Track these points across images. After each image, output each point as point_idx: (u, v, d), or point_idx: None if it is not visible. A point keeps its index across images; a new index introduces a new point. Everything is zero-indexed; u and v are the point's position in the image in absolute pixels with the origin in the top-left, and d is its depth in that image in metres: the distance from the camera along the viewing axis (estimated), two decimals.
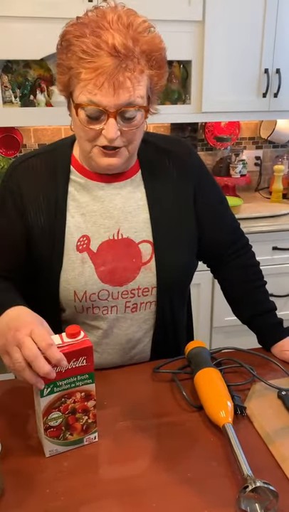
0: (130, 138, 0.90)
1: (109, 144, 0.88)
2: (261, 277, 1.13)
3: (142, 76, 0.85)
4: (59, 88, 0.93)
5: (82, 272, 0.97)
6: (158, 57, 0.86)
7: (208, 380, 0.89)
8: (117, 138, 0.87)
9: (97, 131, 0.87)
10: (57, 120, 2.13)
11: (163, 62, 0.89)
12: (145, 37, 0.84)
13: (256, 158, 2.73)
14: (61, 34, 0.87)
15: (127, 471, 0.76)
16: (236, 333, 1.95)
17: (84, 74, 0.82)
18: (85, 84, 0.83)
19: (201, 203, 1.06)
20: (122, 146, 0.90)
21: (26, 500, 0.70)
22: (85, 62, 0.81)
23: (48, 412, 0.76)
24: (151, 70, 0.86)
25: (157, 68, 0.87)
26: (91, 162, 0.95)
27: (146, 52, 0.84)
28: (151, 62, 0.86)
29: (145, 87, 0.87)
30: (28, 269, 1.01)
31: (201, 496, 0.71)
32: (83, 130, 0.89)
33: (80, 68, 0.82)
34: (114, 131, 0.85)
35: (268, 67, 2.26)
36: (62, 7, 1.93)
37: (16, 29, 1.97)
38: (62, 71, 0.88)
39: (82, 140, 0.91)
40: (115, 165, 0.92)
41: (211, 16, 2.12)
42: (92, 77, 0.82)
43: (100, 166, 0.92)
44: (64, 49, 0.86)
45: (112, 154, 0.90)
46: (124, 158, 0.92)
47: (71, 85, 0.88)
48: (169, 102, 2.29)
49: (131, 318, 1.03)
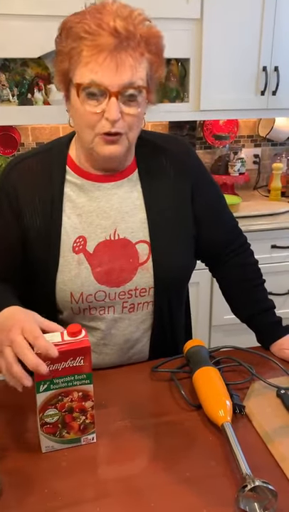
0: (131, 124, 0.88)
1: (111, 126, 0.86)
2: (260, 276, 1.12)
3: (142, 59, 0.85)
4: (57, 80, 0.92)
5: (79, 274, 0.97)
6: (157, 43, 0.88)
7: (207, 379, 0.88)
8: (118, 120, 0.86)
9: (98, 115, 0.86)
10: (55, 119, 2.12)
11: (161, 50, 0.90)
12: (144, 25, 0.85)
13: (255, 156, 2.73)
14: (60, 25, 0.87)
15: (125, 471, 0.76)
16: (235, 331, 1.95)
17: (85, 51, 0.82)
18: (86, 62, 0.83)
19: (198, 202, 1.05)
20: (122, 133, 0.88)
21: (25, 500, 0.70)
22: (86, 40, 0.82)
23: (44, 408, 0.76)
24: (150, 55, 0.87)
25: (156, 54, 0.88)
26: (92, 154, 0.93)
27: (146, 38, 0.85)
28: (151, 47, 0.86)
29: (145, 70, 0.87)
30: (24, 271, 1.00)
31: (199, 495, 0.71)
32: (84, 116, 0.87)
33: (81, 46, 0.83)
34: (116, 111, 0.84)
35: (266, 65, 2.25)
36: (60, 5, 1.92)
37: (14, 27, 1.96)
38: (61, 59, 0.87)
39: (83, 129, 0.90)
40: (116, 153, 0.91)
41: (209, 14, 2.12)
42: (93, 54, 0.82)
43: (102, 155, 0.91)
44: (64, 35, 0.86)
45: (113, 141, 0.88)
46: (125, 146, 0.91)
47: (71, 71, 0.87)
48: (167, 100, 2.28)
49: (129, 319, 1.02)
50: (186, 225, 1.04)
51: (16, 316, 0.80)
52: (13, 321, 0.78)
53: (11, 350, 0.74)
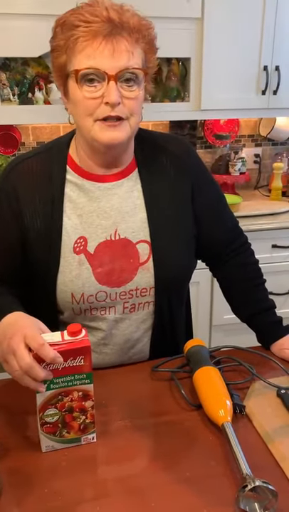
0: (131, 108, 0.88)
1: (111, 109, 0.86)
2: (260, 275, 1.12)
3: (137, 46, 0.87)
4: (54, 76, 0.92)
5: (80, 274, 0.96)
6: (148, 33, 0.89)
7: (207, 379, 0.88)
8: (118, 104, 0.86)
9: (97, 101, 0.86)
10: (55, 118, 2.12)
11: (153, 39, 0.91)
12: (134, 17, 0.87)
13: (255, 155, 2.73)
14: (54, 24, 0.89)
15: (125, 471, 0.76)
16: (235, 331, 1.95)
17: (82, 38, 0.83)
18: (83, 48, 0.84)
19: (199, 202, 1.05)
20: (124, 118, 0.88)
21: (25, 499, 0.70)
22: (81, 27, 0.83)
23: (44, 407, 0.76)
24: (144, 43, 0.88)
25: (149, 43, 0.90)
26: (94, 145, 0.92)
27: (138, 28, 0.86)
28: (144, 34, 0.88)
29: (141, 59, 0.88)
30: (25, 272, 1.00)
31: (200, 495, 0.70)
32: (83, 103, 0.87)
33: (78, 33, 0.84)
34: (116, 94, 0.84)
35: (267, 64, 2.25)
36: (60, 4, 1.89)
37: (14, 26, 1.96)
38: (58, 54, 0.88)
39: (82, 118, 0.89)
40: (118, 138, 0.89)
41: (210, 13, 2.11)
42: (89, 39, 0.83)
43: (103, 141, 0.89)
44: (59, 30, 0.87)
45: (114, 126, 0.88)
46: (126, 133, 0.90)
47: (68, 62, 0.87)
48: (168, 100, 2.28)
49: (129, 319, 1.02)
50: (186, 225, 1.04)
51: (17, 322, 0.80)
52: (15, 328, 0.78)
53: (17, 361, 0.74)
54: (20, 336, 0.75)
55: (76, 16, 0.84)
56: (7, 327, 0.80)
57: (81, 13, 0.84)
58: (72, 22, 0.84)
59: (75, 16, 0.85)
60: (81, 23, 0.83)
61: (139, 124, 0.93)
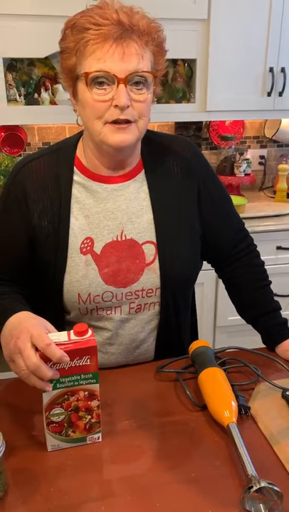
0: (140, 111, 0.89)
1: (120, 112, 0.86)
2: (266, 277, 1.12)
3: (147, 49, 0.87)
4: (63, 78, 0.93)
5: (86, 274, 0.97)
6: (158, 35, 0.90)
7: (213, 380, 0.88)
8: (128, 107, 0.86)
9: (106, 104, 0.86)
10: (61, 118, 2.13)
11: (162, 42, 0.91)
12: (144, 20, 0.87)
13: (260, 157, 2.73)
14: (63, 27, 0.89)
15: (130, 470, 0.76)
16: (240, 332, 1.95)
17: (92, 41, 0.84)
18: (93, 51, 0.84)
19: (205, 203, 1.05)
20: (132, 121, 0.89)
21: (30, 498, 0.70)
22: (92, 30, 0.84)
23: (50, 407, 0.76)
24: (153, 46, 0.89)
25: (158, 46, 0.90)
26: (102, 147, 0.93)
27: (147, 30, 0.87)
28: (153, 37, 0.88)
29: (150, 61, 0.89)
30: (32, 272, 1.01)
31: (205, 495, 0.71)
32: (93, 105, 0.87)
33: (88, 36, 0.84)
34: (125, 97, 0.85)
35: (273, 65, 2.25)
36: (66, 5, 1.93)
37: (21, 27, 1.97)
38: (67, 55, 0.89)
39: (91, 121, 0.89)
40: (126, 141, 0.90)
41: (216, 15, 2.11)
42: (99, 42, 0.84)
43: (112, 144, 0.90)
44: (69, 32, 0.88)
45: (123, 129, 0.88)
46: (134, 136, 0.90)
47: (78, 64, 0.88)
48: (174, 101, 2.28)
49: (135, 319, 1.02)
50: (192, 226, 1.04)
51: (24, 322, 0.80)
52: (21, 328, 0.78)
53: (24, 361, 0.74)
54: (27, 336, 0.75)
55: (86, 19, 0.85)
56: (13, 327, 0.81)
57: (91, 15, 0.84)
58: (83, 24, 0.85)
59: (85, 18, 0.85)
60: (91, 25, 0.84)
61: (147, 126, 0.94)
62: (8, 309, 0.86)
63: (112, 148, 0.91)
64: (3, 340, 0.83)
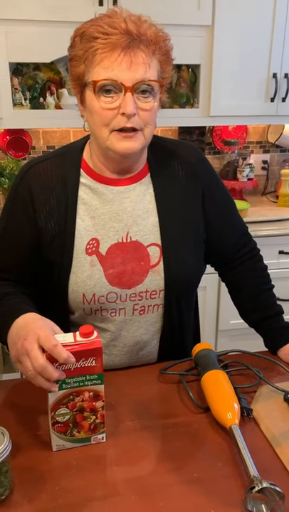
0: (146, 119, 0.90)
1: (126, 120, 0.88)
2: (269, 281, 1.13)
3: (154, 58, 0.89)
4: (72, 85, 0.95)
5: (91, 275, 0.98)
6: (165, 44, 0.91)
7: (215, 382, 0.89)
8: (134, 115, 0.88)
9: (113, 111, 0.88)
10: (66, 122, 2.15)
11: (169, 50, 0.93)
12: (151, 29, 0.89)
13: (263, 162, 2.74)
14: (72, 34, 0.91)
15: (134, 471, 0.77)
16: (242, 336, 1.96)
17: (100, 50, 0.86)
18: (101, 59, 0.86)
19: (209, 207, 1.07)
20: (138, 129, 0.90)
21: (36, 497, 0.72)
22: (100, 39, 0.86)
23: (55, 407, 0.77)
24: (160, 55, 0.90)
25: (165, 55, 0.92)
26: (108, 154, 0.94)
27: (155, 38, 0.88)
28: (160, 46, 0.90)
29: (157, 70, 0.90)
30: (38, 272, 1.02)
31: (207, 496, 0.72)
32: (100, 113, 0.89)
33: (96, 45, 0.86)
34: (132, 106, 0.87)
35: (276, 71, 2.27)
36: (72, 11, 1.96)
37: (27, 32, 1.99)
38: (76, 63, 0.91)
39: (98, 128, 0.91)
40: (132, 148, 0.92)
41: (221, 21, 2.14)
42: (107, 51, 0.85)
43: (118, 151, 0.92)
44: (78, 40, 0.89)
45: (129, 137, 0.90)
46: (140, 143, 0.92)
47: (86, 72, 0.89)
48: (178, 106, 2.30)
49: (139, 321, 1.04)
50: (196, 229, 1.06)
51: (29, 324, 0.81)
52: (27, 329, 0.79)
53: (29, 359, 0.76)
54: (34, 337, 0.76)
55: (95, 28, 0.86)
56: (20, 328, 0.82)
57: (100, 24, 0.86)
58: (92, 34, 0.86)
59: (94, 27, 0.87)
60: (100, 34, 0.86)
61: (152, 134, 0.95)
62: (16, 310, 0.87)
63: (118, 155, 0.93)
64: (10, 340, 0.84)
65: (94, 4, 1.98)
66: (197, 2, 2.10)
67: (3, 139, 2.34)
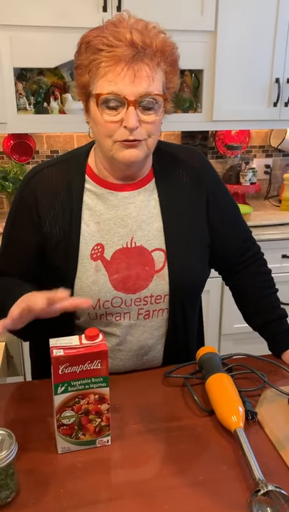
0: (149, 131, 0.91)
1: (129, 133, 0.88)
2: (273, 285, 1.14)
3: (158, 69, 0.89)
4: (77, 92, 0.95)
5: (96, 280, 0.99)
6: (172, 53, 0.91)
7: (220, 385, 0.90)
8: (137, 128, 0.88)
9: (116, 124, 0.89)
10: (69, 127, 2.17)
11: (176, 60, 0.93)
12: (159, 37, 0.89)
13: (266, 166, 2.75)
14: (79, 40, 0.91)
15: (139, 473, 0.77)
16: (245, 340, 1.96)
17: (104, 63, 0.86)
18: (105, 73, 0.86)
19: (213, 212, 1.07)
20: (141, 140, 0.91)
21: (41, 499, 0.72)
22: (105, 52, 0.86)
23: (61, 410, 0.78)
24: (166, 65, 0.90)
25: (171, 65, 0.92)
26: (113, 162, 0.95)
27: (161, 48, 0.88)
28: (166, 57, 0.90)
29: (161, 82, 0.90)
30: (43, 277, 1.03)
31: (212, 499, 0.72)
32: (103, 125, 0.90)
33: (100, 58, 0.86)
34: (135, 120, 0.87)
35: (279, 76, 2.28)
36: (76, 17, 1.97)
37: (31, 38, 2.01)
38: (81, 72, 0.91)
39: (102, 138, 0.92)
40: (136, 157, 0.92)
41: (223, 26, 2.15)
42: (111, 65, 0.85)
43: (122, 160, 0.92)
44: (83, 49, 0.90)
45: (132, 146, 0.91)
46: (144, 152, 0.93)
47: (90, 83, 0.90)
48: (181, 111, 2.31)
49: (144, 326, 1.04)
50: (201, 234, 1.06)
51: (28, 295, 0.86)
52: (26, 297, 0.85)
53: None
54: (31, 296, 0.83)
55: (100, 40, 0.86)
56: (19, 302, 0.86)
57: (105, 35, 0.86)
58: (96, 45, 0.86)
59: (99, 38, 0.86)
60: (104, 47, 0.86)
61: (156, 143, 0.96)
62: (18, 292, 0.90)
63: (122, 164, 0.94)
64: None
65: (98, 10, 1.99)
66: (200, 7, 2.11)
67: (8, 144, 2.35)
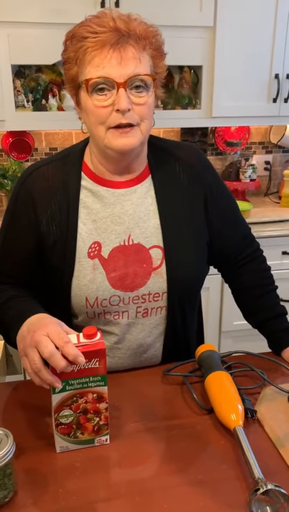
0: (142, 114, 0.90)
1: (122, 116, 0.88)
2: (272, 282, 1.13)
3: (144, 53, 0.89)
4: (67, 88, 0.95)
5: (94, 279, 0.98)
6: (156, 39, 0.91)
7: (219, 383, 0.89)
8: (129, 110, 0.88)
9: (108, 109, 0.88)
10: (68, 124, 2.16)
11: (160, 45, 0.93)
12: (141, 25, 0.89)
13: (266, 162, 2.74)
14: (64, 38, 0.92)
15: (138, 472, 0.77)
16: (245, 337, 1.95)
17: (90, 48, 0.86)
18: (92, 58, 0.87)
19: (212, 209, 1.06)
20: (134, 125, 0.90)
21: (39, 498, 0.71)
22: (90, 38, 0.86)
23: (59, 409, 0.77)
24: (151, 50, 0.91)
25: (157, 49, 0.92)
26: (107, 152, 0.94)
27: (145, 34, 0.89)
28: (151, 42, 0.90)
29: (149, 65, 0.90)
30: (40, 276, 1.02)
31: (211, 498, 0.71)
32: (94, 112, 0.89)
33: (86, 44, 0.86)
34: (126, 101, 0.87)
35: (278, 72, 2.26)
36: (73, 13, 1.96)
37: (29, 35, 2.00)
38: (69, 66, 0.91)
39: (95, 127, 0.91)
40: (130, 144, 0.91)
41: (222, 22, 2.14)
42: (97, 49, 0.86)
43: (116, 148, 0.91)
44: (69, 43, 0.90)
45: (126, 133, 0.90)
46: (138, 139, 0.92)
47: (79, 74, 0.90)
48: (180, 107, 2.30)
49: (142, 324, 1.03)
50: (199, 231, 1.05)
51: (41, 320, 0.82)
52: (39, 324, 0.80)
53: (37, 352, 0.76)
54: (45, 331, 0.77)
55: (84, 28, 0.87)
56: (32, 324, 0.83)
57: (89, 24, 0.87)
58: (81, 34, 0.87)
59: (83, 28, 0.88)
60: (89, 34, 0.86)
61: (150, 129, 0.95)
62: (26, 310, 0.88)
63: (116, 153, 0.93)
64: (19, 335, 0.84)
65: (96, 7, 1.98)
66: (199, 3, 2.10)
67: (6, 141, 2.34)
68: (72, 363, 0.74)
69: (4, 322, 0.94)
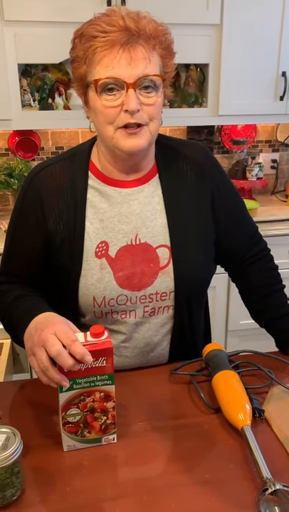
0: (150, 114, 0.90)
1: (130, 116, 0.87)
2: (280, 281, 1.13)
3: (154, 53, 0.88)
4: (75, 87, 0.95)
5: (101, 278, 0.98)
6: (166, 38, 0.91)
7: (227, 383, 0.89)
8: (138, 110, 0.87)
9: (116, 109, 0.88)
10: (74, 123, 2.16)
11: (170, 44, 0.92)
12: (151, 23, 0.88)
13: (273, 161, 2.73)
14: (72, 36, 0.91)
15: (145, 471, 0.77)
16: (251, 336, 1.95)
17: (100, 48, 0.86)
18: (101, 58, 0.86)
19: (219, 208, 1.06)
20: (143, 125, 0.90)
21: (47, 497, 0.72)
22: (99, 38, 0.86)
23: (66, 407, 0.77)
24: (161, 49, 0.90)
25: (166, 48, 0.91)
26: (115, 152, 0.94)
27: (154, 33, 0.88)
28: (160, 41, 0.89)
29: (158, 65, 0.90)
30: (48, 276, 1.02)
31: (219, 497, 0.71)
32: (103, 112, 0.89)
33: (96, 43, 0.86)
34: (135, 102, 0.86)
35: (285, 70, 2.25)
36: (80, 12, 1.96)
37: (35, 34, 2.01)
38: (78, 64, 0.90)
39: (103, 126, 0.91)
40: (139, 145, 0.91)
41: (229, 20, 2.13)
42: (107, 48, 0.85)
43: (124, 148, 0.91)
44: (78, 41, 0.89)
45: (135, 133, 0.89)
46: (146, 139, 0.91)
47: (88, 73, 0.89)
48: (186, 105, 2.30)
49: (149, 323, 1.03)
50: (206, 230, 1.05)
51: (49, 319, 0.82)
52: (47, 323, 0.80)
53: (44, 351, 0.76)
54: (52, 329, 0.77)
55: (94, 27, 0.86)
56: (39, 322, 0.83)
57: (98, 23, 0.86)
58: (90, 33, 0.86)
59: (92, 26, 0.87)
60: (99, 33, 0.85)
61: (158, 129, 0.95)
62: (34, 309, 0.88)
63: (124, 153, 0.93)
64: (26, 334, 0.84)
65: (102, 5, 1.98)
66: (206, 1, 2.09)
67: (13, 140, 2.35)
68: (80, 362, 0.74)
69: (12, 321, 0.94)
